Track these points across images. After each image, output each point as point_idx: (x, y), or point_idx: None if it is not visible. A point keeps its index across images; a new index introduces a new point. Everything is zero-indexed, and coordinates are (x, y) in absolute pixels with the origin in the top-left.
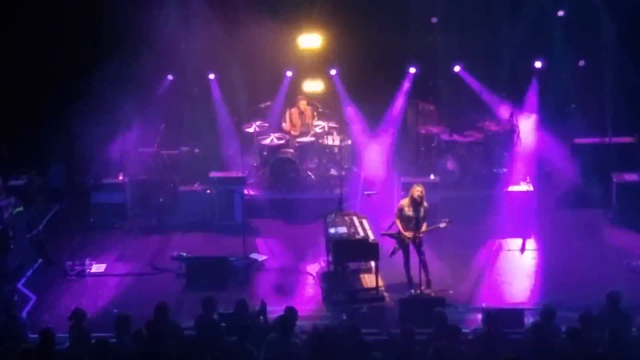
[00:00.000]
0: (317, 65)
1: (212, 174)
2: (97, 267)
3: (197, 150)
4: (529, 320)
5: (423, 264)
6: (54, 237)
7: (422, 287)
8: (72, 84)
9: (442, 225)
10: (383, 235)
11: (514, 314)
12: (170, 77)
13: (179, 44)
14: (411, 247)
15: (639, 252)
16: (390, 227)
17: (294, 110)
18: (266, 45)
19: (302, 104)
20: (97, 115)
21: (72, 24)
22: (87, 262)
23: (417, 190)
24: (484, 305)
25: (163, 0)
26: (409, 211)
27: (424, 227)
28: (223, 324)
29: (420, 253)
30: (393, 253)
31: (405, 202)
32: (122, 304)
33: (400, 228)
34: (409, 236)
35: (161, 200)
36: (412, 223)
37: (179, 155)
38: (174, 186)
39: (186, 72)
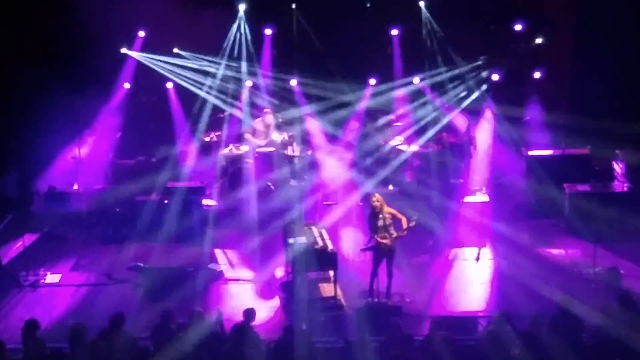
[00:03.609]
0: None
1: (170, 184)
2: (52, 278)
3: (154, 160)
4: (483, 327)
5: (390, 273)
6: (7, 247)
7: (381, 297)
8: (26, 92)
9: (412, 224)
10: (363, 250)
11: (468, 321)
12: (127, 85)
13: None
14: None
15: (590, 261)
16: (368, 242)
17: (259, 122)
18: None
19: (268, 117)
20: (52, 123)
21: (26, 30)
22: (41, 272)
23: (372, 200)
24: (439, 313)
25: (121, 7)
26: (374, 221)
27: (396, 231)
28: (180, 334)
29: (391, 261)
30: (365, 249)
31: (369, 213)
32: (78, 314)
33: (378, 238)
34: (387, 243)
35: (118, 210)
36: (382, 232)
37: (135, 164)
38: (131, 196)
39: (143, 80)
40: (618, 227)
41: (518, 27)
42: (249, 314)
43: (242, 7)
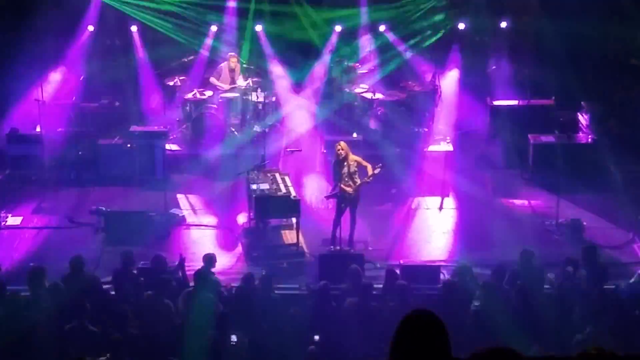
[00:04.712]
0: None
1: (133, 128)
2: (13, 220)
3: (117, 104)
4: (445, 276)
5: (353, 220)
6: None
7: (343, 244)
8: None
9: (377, 171)
10: (327, 197)
11: (430, 271)
12: (90, 28)
13: None
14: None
15: (552, 212)
16: (333, 190)
17: (224, 66)
18: None
19: (233, 61)
20: (15, 64)
21: None
22: (2, 214)
23: (337, 148)
24: (401, 262)
25: None
26: (339, 168)
27: (361, 179)
28: (141, 279)
29: (354, 209)
30: (329, 196)
31: (334, 160)
32: (39, 257)
33: (342, 185)
34: (350, 191)
35: (80, 153)
36: (346, 179)
37: (99, 107)
38: (94, 139)
39: (107, 23)
40: (582, 179)
41: None
42: (209, 259)
43: None
